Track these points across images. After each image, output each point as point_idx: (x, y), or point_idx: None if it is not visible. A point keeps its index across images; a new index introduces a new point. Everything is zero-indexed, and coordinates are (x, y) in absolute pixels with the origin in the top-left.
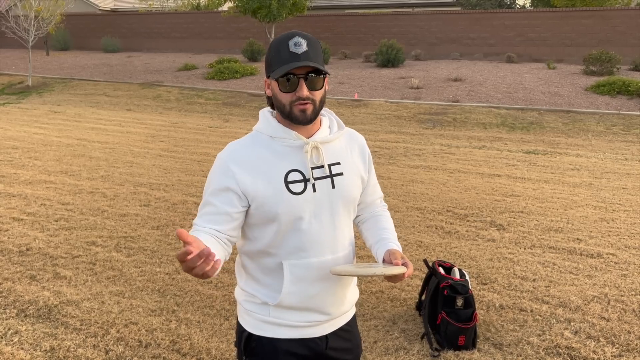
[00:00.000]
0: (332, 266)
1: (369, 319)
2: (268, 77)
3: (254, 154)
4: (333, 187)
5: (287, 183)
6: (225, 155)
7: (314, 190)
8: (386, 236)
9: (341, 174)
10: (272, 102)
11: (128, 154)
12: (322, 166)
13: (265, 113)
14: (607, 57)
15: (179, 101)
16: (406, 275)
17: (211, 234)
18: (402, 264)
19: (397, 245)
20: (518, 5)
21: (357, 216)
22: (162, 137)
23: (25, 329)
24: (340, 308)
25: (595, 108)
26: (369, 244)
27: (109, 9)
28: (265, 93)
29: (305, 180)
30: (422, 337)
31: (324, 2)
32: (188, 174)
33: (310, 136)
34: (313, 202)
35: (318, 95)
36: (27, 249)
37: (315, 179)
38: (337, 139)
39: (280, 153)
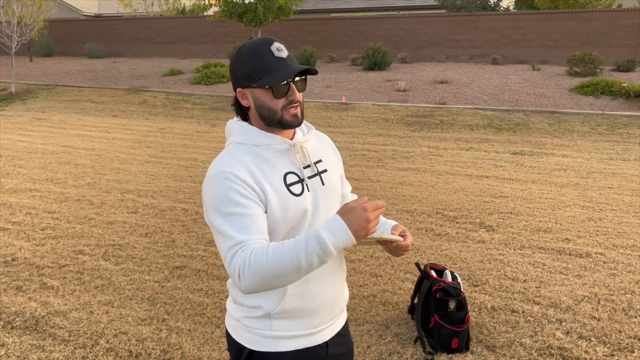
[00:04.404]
0: (329, 264)
1: (362, 324)
2: (246, 86)
3: (249, 163)
4: (323, 184)
5: (287, 186)
6: (223, 167)
7: (308, 190)
8: (382, 219)
9: (326, 170)
10: (245, 113)
11: (115, 161)
12: (309, 165)
13: (240, 123)
14: (591, 58)
15: (166, 106)
16: (400, 244)
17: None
18: (401, 235)
19: (394, 222)
20: (502, 8)
21: None
22: (149, 143)
23: (12, 342)
24: (338, 306)
25: (579, 109)
26: None
27: (92, 14)
28: (241, 104)
29: (301, 181)
30: (415, 341)
31: (310, 6)
32: (176, 180)
33: (291, 138)
34: (310, 201)
35: (301, 96)
36: (13, 259)
37: (308, 178)
38: (311, 138)
39: (270, 159)
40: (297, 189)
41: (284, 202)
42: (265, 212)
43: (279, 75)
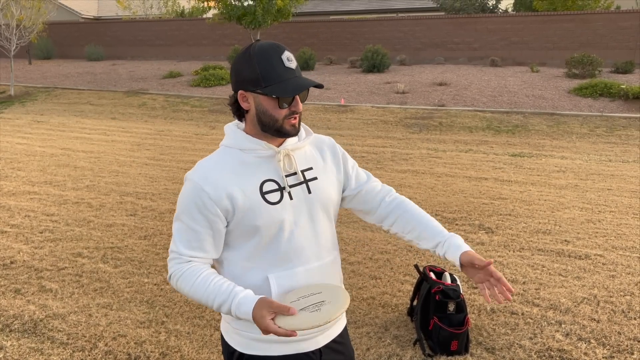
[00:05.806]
0: (319, 273)
1: (361, 326)
2: (250, 90)
3: (225, 169)
4: (309, 192)
5: (263, 194)
6: (197, 176)
7: (291, 198)
8: (443, 232)
9: (315, 178)
10: (242, 114)
11: (113, 163)
12: (295, 173)
13: (232, 127)
14: (589, 60)
15: (165, 109)
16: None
17: (203, 263)
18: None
19: (466, 247)
20: (501, 10)
21: (374, 214)
22: (148, 145)
23: (11, 345)
24: None
25: (578, 110)
26: (424, 242)
27: (92, 17)
28: (241, 107)
29: (281, 189)
30: (414, 343)
31: (309, 9)
32: (175, 183)
33: (280, 144)
34: (291, 210)
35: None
36: (11, 262)
37: (290, 186)
38: (306, 145)
39: (252, 164)
40: (273, 197)
41: (255, 210)
42: (227, 226)
43: (288, 88)
